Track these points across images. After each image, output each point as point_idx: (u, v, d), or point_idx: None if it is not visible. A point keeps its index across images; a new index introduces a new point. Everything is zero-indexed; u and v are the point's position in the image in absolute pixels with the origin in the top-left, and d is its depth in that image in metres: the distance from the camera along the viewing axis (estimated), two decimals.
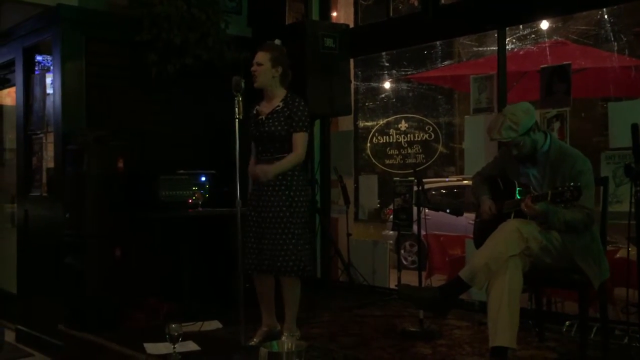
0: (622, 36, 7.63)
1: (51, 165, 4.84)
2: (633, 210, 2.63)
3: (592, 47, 7.58)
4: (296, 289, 3.62)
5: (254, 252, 3.57)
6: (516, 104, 3.37)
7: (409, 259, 8.77)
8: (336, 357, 3.43)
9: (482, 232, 3.43)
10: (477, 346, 3.59)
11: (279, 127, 3.55)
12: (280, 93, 3.64)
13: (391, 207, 6.34)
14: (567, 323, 3.89)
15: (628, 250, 3.85)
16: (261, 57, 3.60)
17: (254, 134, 3.61)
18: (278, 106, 3.60)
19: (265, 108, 3.66)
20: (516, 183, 3.43)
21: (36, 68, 5.07)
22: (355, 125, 6.42)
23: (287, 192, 3.55)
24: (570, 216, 3.10)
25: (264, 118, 3.62)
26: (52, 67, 4.79)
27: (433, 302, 3.22)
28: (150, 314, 4.33)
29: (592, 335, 3.58)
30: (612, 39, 7.70)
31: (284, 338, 3.59)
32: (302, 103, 3.61)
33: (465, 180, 9.08)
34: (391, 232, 8.04)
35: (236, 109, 3.47)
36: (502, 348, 2.99)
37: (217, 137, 4.94)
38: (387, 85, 10.81)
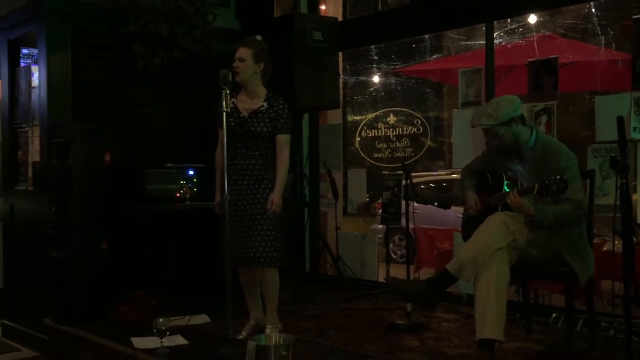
0: (609, 30, 7.66)
1: (37, 159, 4.79)
2: (618, 203, 2.64)
3: (580, 41, 7.61)
4: (275, 280, 3.63)
5: (232, 246, 3.57)
6: (503, 97, 3.38)
7: (398, 252, 8.79)
8: (324, 351, 3.43)
9: (469, 225, 3.44)
10: (464, 338, 3.61)
11: (265, 129, 3.57)
12: (261, 91, 3.64)
13: (380, 201, 6.35)
14: (553, 315, 3.91)
15: (614, 244, 3.88)
16: (243, 52, 3.57)
17: (235, 131, 3.58)
18: (262, 106, 3.60)
19: (245, 104, 3.63)
20: (504, 176, 3.44)
21: (22, 60, 5.02)
22: (344, 119, 6.39)
23: (270, 185, 3.57)
24: (558, 209, 3.10)
25: (246, 116, 3.60)
26: (37, 60, 4.74)
27: (420, 294, 3.22)
28: (137, 308, 4.30)
29: (579, 327, 3.61)
30: (600, 32, 7.73)
31: (267, 330, 3.59)
32: (286, 104, 3.65)
33: (453, 174, 9.10)
34: (380, 226, 8.05)
35: (223, 102, 3.45)
36: (489, 340, 3.00)
37: (206, 130, 4.91)
38: (375, 79, 10.80)
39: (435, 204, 4.15)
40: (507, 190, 3.34)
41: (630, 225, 2.57)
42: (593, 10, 7.68)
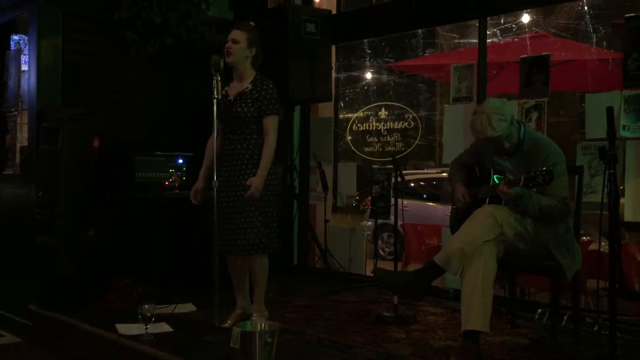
0: (601, 29, 7.69)
1: (25, 144, 4.76)
2: (606, 200, 2.62)
3: (572, 40, 7.62)
4: (264, 267, 3.62)
5: (221, 234, 3.55)
6: (489, 100, 3.37)
7: (387, 250, 8.79)
8: (310, 340, 3.42)
9: (457, 218, 3.44)
10: (450, 331, 3.61)
11: (246, 109, 3.54)
12: (249, 74, 3.62)
13: (370, 198, 6.35)
14: (539, 311, 3.92)
15: (600, 244, 3.89)
16: (238, 35, 3.57)
17: (222, 115, 3.58)
18: (247, 88, 3.58)
19: (234, 89, 3.64)
20: (492, 170, 3.44)
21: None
22: (336, 113, 6.38)
23: (254, 171, 3.52)
24: (545, 202, 3.11)
25: (232, 99, 3.60)
26: (27, 44, 4.70)
27: (407, 286, 3.21)
28: (123, 296, 4.29)
29: (564, 322, 3.62)
30: (592, 31, 7.75)
31: (253, 318, 3.58)
32: (271, 85, 3.60)
33: (443, 172, 9.11)
34: (369, 222, 8.05)
35: (214, 89, 3.44)
36: (474, 332, 3.00)
37: (196, 118, 4.89)
38: (368, 73, 10.80)
39: (425, 195, 4.15)
40: (497, 182, 3.34)
41: (617, 215, 2.57)
42: (586, 8, 7.71)
